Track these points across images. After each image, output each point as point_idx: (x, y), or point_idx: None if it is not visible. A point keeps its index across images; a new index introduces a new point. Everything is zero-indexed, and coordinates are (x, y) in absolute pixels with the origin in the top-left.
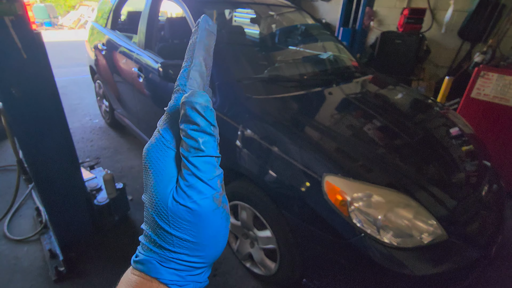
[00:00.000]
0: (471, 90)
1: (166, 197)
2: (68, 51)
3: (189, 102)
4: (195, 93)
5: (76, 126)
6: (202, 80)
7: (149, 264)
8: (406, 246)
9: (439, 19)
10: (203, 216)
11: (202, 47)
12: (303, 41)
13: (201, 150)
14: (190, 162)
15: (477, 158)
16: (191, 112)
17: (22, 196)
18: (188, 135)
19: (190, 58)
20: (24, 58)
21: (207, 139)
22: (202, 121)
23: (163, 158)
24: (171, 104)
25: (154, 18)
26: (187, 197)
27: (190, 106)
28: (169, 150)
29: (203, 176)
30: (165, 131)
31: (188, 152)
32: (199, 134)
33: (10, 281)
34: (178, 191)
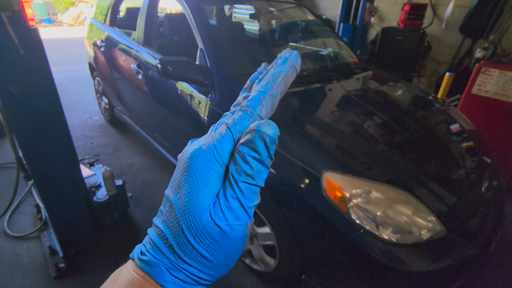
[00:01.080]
0: (472, 87)
1: (202, 211)
2: (68, 48)
3: (260, 132)
4: (269, 125)
5: (76, 124)
6: (271, 111)
7: (157, 269)
8: (405, 243)
9: (440, 15)
10: (231, 241)
11: (284, 81)
12: (303, 37)
13: (251, 178)
14: (238, 186)
15: (477, 155)
16: (259, 141)
17: (22, 193)
18: (245, 160)
19: (271, 86)
20: (21, 55)
21: (261, 170)
22: (264, 153)
23: (209, 170)
24: (235, 119)
25: (153, 14)
26: (223, 219)
27: (260, 135)
28: (217, 165)
29: (245, 203)
30: (220, 144)
31: (239, 175)
32: (256, 163)
33: (10, 278)
34: (216, 209)
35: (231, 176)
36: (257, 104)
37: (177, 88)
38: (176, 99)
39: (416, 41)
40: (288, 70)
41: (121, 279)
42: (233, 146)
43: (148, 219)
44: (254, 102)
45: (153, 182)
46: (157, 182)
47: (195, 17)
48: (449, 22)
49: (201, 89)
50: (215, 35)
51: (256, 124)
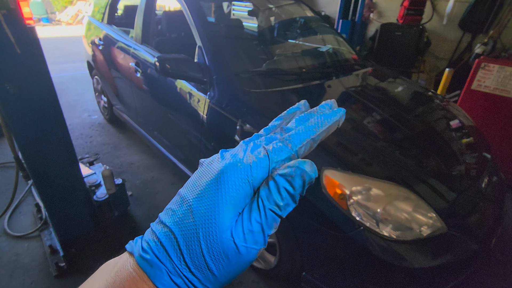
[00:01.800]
0: (471, 82)
1: (224, 226)
2: (66, 47)
3: (303, 171)
4: (312, 166)
5: (75, 122)
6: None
7: (158, 271)
8: (405, 239)
9: (440, 10)
10: (241, 262)
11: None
12: (302, 34)
13: (279, 208)
14: (265, 212)
15: (477, 151)
16: (299, 178)
17: (21, 193)
18: (279, 191)
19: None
20: (17, 53)
21: (290, 204)
22: (299, 189)
23: (240, 188)
24: (276, 149)
25: (151, 12)
26: (243, 240)
27: (302, 174)
28: (248, 186)
29: (266, 230)
30: (256, 167)
31: (268, 202)
32: (288, 196)
33: (11, 277)
34: (238, 229)
35: (261, 200)
36: (300, 142)
37: (176, 86)
38: (175, 97)
39: (416, 37)
40: (333, 124)
41: (116, 274)
42: (266, 173)
43: (148, 217)
44: (297, 140)
45: (153, 180)
46: (157, 180)
47: (193, 15)
48: (449, 17)
49: (200, 87)
50: (214, 32)
51: (300, 161)
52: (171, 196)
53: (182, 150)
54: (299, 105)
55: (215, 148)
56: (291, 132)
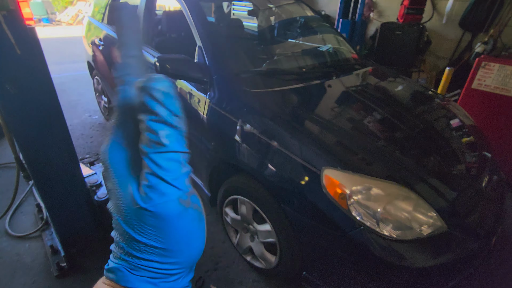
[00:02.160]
0: (472, 81)
1: (128, 200)
2: (67, 48)
3: (146, 87)
4: (152, 78)
5: (76, 123)
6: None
7: (119, 272)
8: (406, 238)
9: (440, 9)
10: (168, 220)
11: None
12: (302, 34)
13: (162, 145)
14: (151, 160)
15: (477, 150)
16: (149, 100)
17: (22, 193)
18: (147, 127)
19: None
20: (18, 54)
21: (169, 132)
22: (162, 110)
23: (120, 158)
24: (116, 98)
25: (150, 12)
26: (148, 200)
27: (148, 93)
28: (125, 150)
29: (166, 176)
30: (118, 128)
31: (149, 147)
32: (159, 125)
33: (12, 277)
34: (141, 194)
35: (141, 152)
36: (121, 71)
37: (176, 86)
38: None
39: (416, 36)
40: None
41: None
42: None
43: None
44: (118, 71)
45: None
46: None
47: (193, 15)
48: (449, 16)
49: (200, 87)
50: (214, 32)
51: (140, 82)
52: None
53: None
54: None
55: (215, 148)
56: None
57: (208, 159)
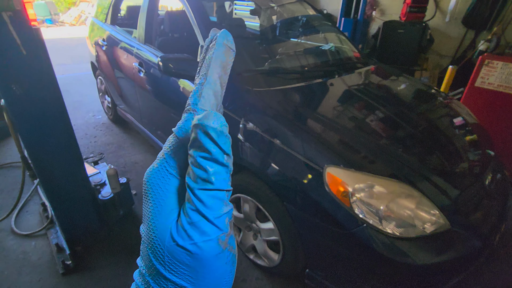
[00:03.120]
0: (475, 79)
1: (164, 234)
2: (70, 48)
3: (201, 125)
4: (209, 115)
5: (80, 123)
6: (216, 100)
7: None
8: (409, 236)
9: (443, 7)
10: (204, 261)
11: (219, 63)
12: (304, 33)
13: (210, 183)
14: (196, 196)
15: (480, 148)
16: (203, 137)
17: (28, 192)
18: (197, 163)
19: (205, 75)
20: (23, 55)
21: (218, 170)
22: (214, 149)
23: (165, 186)
24: (180, 124)
25: (153, 12)
26: (187, 238)
27: (203, 130)
28: (173, 178)
29: (209, 214)
30: (170, 156)
31: (195, 183)
32: (210, 163)
33: (19, 275)
34: (178, 228)
35: (187, 186)
36: (196, 98)
37: (179, 85)
38: (178, 96)
39: (418, 34)
40: (219, 51)
41: None
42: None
43: None
44: (194, 99)
45: None
46: None
47: (195, 14)
48: (452, 14)
49: None
50: None
51: (196, 119)
52: None
53: None
54: None
55: None
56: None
57: None
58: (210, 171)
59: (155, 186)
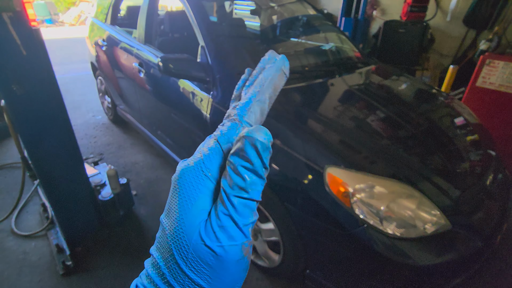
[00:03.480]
0: (476, 79)
1: (192, 232)
2: (70, 48)
3: (250, 138)
4: (260, 130)
5: (80, 123)
6: (261, 117)
7: None
8: (409, 237)
9: (444, 7)
10: (226, 264)
11: (272, 85)
12: (304, 32)
13: (245, 191)
14: (230, 201)
15: (482, 148)
16: (250, 148)
17: (28, 193)
18: (237, 171)
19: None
20: (23, 55)
21: (255, 181)
22: (257, 161)
23: (198, 186)
24: (224, 131)
25: (153, 12)
26: (215, 239)
27: (251, 142)
28: (207, 180)
29: (239, 221)
30: (208, 158)
31: (231, 189)
32: (249, 173)
33: (19, 275)
34: (207, 229)
35: (223, 191)
36: (244, 111)
37: (179, 86)
38: (178, 96)
39: (419, 34)
40: (275, 74)
41: None
42: (221, 159)
43: (152, 216)
44: (241, 110)
45: (157, 180)
46: (161, 179)
47: (195, 14)
48: (453, 13)
49: (203, 86)
50: (216, 31)
51: (245, 131)
52: None
53: (186, 149)
54: (244, 77)
55: None
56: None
57: None
58: (248, 180)
59: (188, 184)
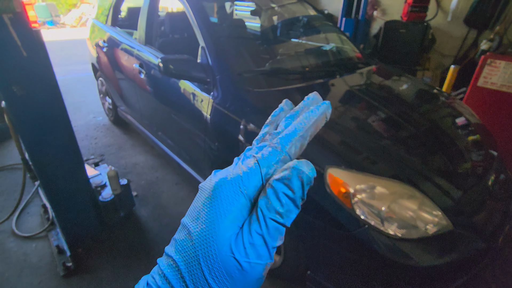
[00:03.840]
0: (477, 79)
1: (222, 243)
2: (71, 49)
3: (299, 170)
4: (308, 165)
5: (80, 124)
6: (299, 151)
7: None
8: (411, 237)
9: (445, 7)
10: (248, 280)
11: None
12: (305, 33)
13: (280, 216)
14: (266, 222)
15: (483, 148)
16: (296, 179)
17: (29, 194)
18: (278, 196)
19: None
20: (24, 56)
21: (291, 209)
22: (299, 192)
23: (233, 201)
24: (265, 155)
25: (153, 13)
26: (244, 255)
27: (299, 174)
28: (242, 197)
29: (269, 242)
30: (247, 177)
31: (268, 211)
32: (288, 201)
33: (19, 277)
34: (238, 243)
35: (260, 210)
36: (288, 142)
37: (179, 86)
38: (179, 97)
39: (420, 34)
40: (320, 117)
41: None
42: (259, 181)
43: (153, 217)
44: (285, 140)
45: (157, 181)
46: (161, 180)
47: (195, 15)
48: (454, 13)
49: (203, 87)
50: (216, 32)
51: (294, 163)
52: (176, 196)
53: (186, 150)
54: (282, 106)
55: (219, 148)
56: (279, 135)
57: (211, 159)
58: (285, 207)
59: (224, 197)
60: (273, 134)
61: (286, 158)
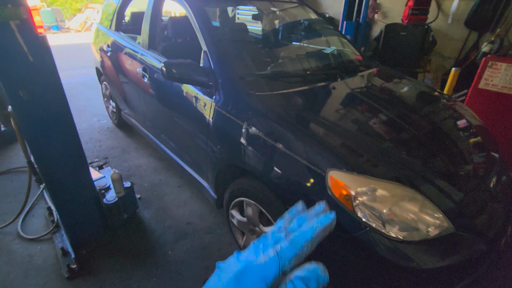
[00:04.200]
0: (479, 81)
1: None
2: (76, 54)
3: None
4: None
5: (85, 127)
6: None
7: None
8: (412, 240)
9: (445, 9)
10: None
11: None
12: (306, 37)
13: None
14: None
15: (485, 150)
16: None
17: (34, 197)
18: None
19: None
20: (30, 61)
21: None
22: None
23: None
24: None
25: (157, 18)
26: None
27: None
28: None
29: None
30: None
31: None
32: None
33: (24, 278)
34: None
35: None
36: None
37: (182, 90)
38: (182, 101)
39: (421, 37)
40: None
41: None
42: (277, 271)
43: (156, 219)
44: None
45: (161, 183)
46: (164, 183)
47: (198, 20)
48: (454, 16)
49: (206, 91)
50: (219, 36)
51: (314, 266)
52: (178, 199)
53: (189, 153)
54: (298, 208)
55: (221, 151)
56: (294, 233)
57: (214, 162)
58: None
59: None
60: (287, 229)
61: (300, 254)
